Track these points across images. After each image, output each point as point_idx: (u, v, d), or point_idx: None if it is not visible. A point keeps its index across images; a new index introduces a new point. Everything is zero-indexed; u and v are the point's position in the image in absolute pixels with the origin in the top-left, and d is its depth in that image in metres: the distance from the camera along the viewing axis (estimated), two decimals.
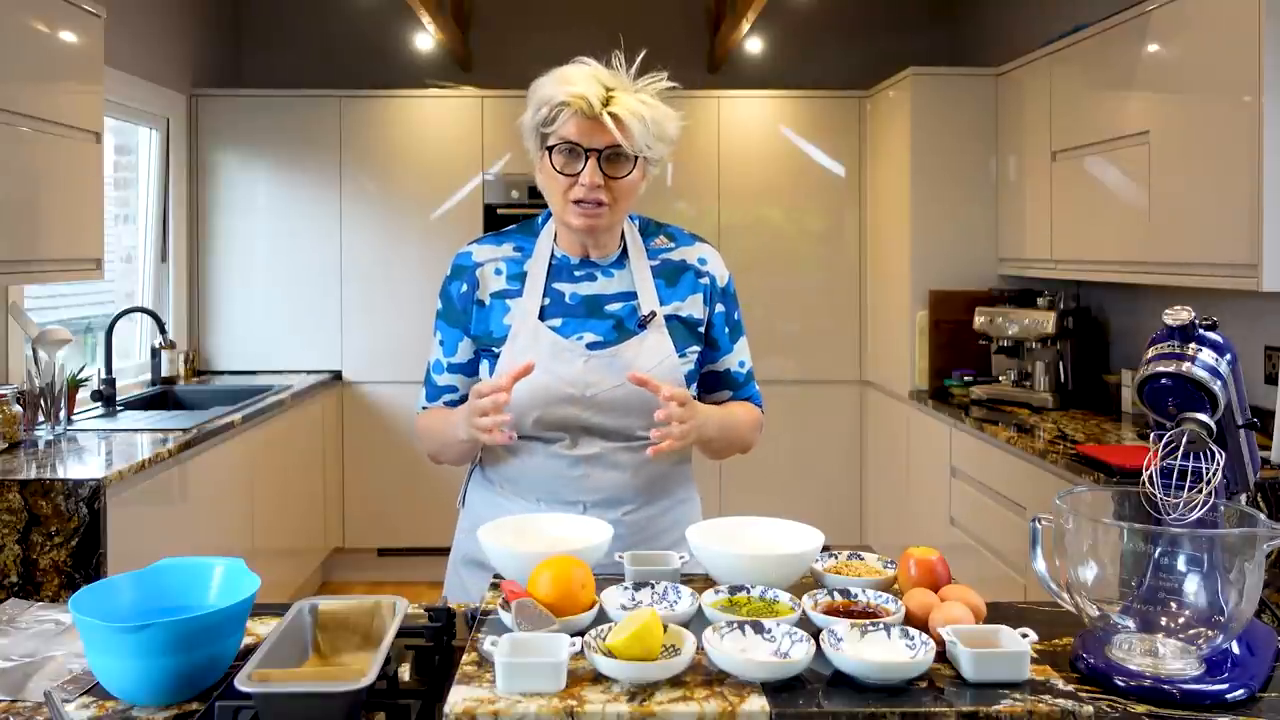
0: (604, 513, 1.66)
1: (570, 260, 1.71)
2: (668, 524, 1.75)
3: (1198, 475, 1.23)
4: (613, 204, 1.62)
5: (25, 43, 2.77)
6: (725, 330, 1.77)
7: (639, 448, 1.67)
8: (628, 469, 1.68)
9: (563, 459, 1.67)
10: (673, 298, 1.71)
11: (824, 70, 5.25)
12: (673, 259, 1.75)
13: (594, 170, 1.59)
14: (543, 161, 1.65)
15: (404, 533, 4.78)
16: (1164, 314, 1.29)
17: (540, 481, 1.69)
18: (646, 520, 1.72)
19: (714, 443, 1.72)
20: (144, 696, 1.17)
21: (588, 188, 1.59)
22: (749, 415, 1.78)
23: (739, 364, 1.79)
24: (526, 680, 1.05)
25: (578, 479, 1.67)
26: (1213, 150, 2.74)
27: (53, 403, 3.01)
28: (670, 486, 1.76)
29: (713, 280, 1.75)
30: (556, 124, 1.60)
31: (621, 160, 1.60)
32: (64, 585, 2.48)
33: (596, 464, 1.67)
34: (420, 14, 4.17)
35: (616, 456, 1.68)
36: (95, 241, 3.12)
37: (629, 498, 1.70)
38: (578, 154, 1.59)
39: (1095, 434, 3.19)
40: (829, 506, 4.87)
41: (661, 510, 1.74)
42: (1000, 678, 1.09)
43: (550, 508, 1.68)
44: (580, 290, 1.70)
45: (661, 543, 1.73)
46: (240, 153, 4.72)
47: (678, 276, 1.73)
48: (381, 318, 4.76)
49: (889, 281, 4.56)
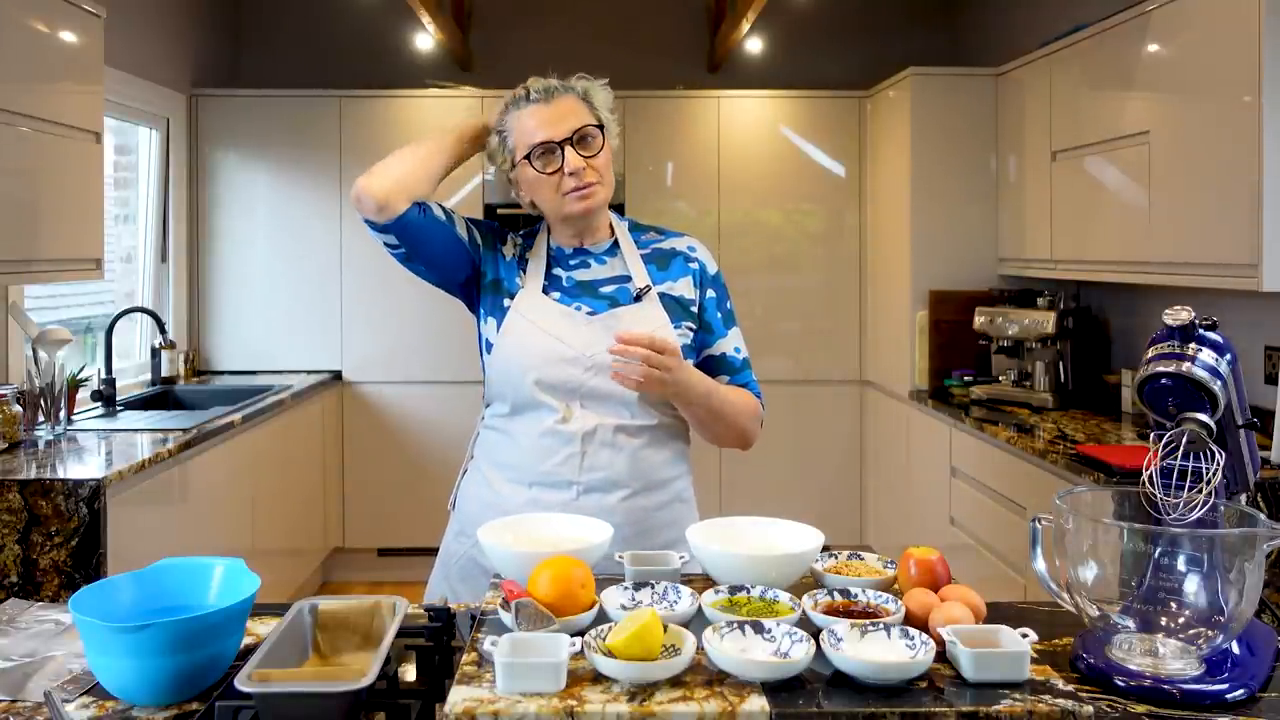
0: (601, 497, 1.68)
1: (565, 251, 1.80)
2: (665, 520, 1.75)
3: (1198, 475, 1.23)
4: (600, 180, 1.71)
5: (25, 43, 2.77)
6: (718, 315, 1.80)
7: (635, 430, 1.70)
8: (624, 450, 1.70)
9: (559, 435, 1.69)
10: (664, 278, 1.78)
11: (824, 70, 5.25)
12: (662, 247, 1.82)
13: (573, 155, 1.69)
14: (524, 172, 1.73)
15: (404, 533, 4.78)
16: (1164, 314, 1.28)
17: (536, 462, 1.70)
18: (643, 512, 1.72)
19: (697, 410, 1.70)
20: (144, 696, 1.17)
21: (576, 174, 1.68)
22: (745, 400, 1.78)
23: (734, 349, 1.81)
24: (526, 680, 1.05)
25: (574, 457, 1.68)
26: (1213, 150, 2.74)
27: (53, 403, 3.01)
28: (667, 478, 1.76)
29: (702, 266, 1.81)
30: (514, 128, 1.73)
31: (590, 140, 1.71)
32: (64, 585, 2.48)
33: (592, 441, 1.68)
34: (420, 14, 4.17)
35: (613, 437, 1.69)
36: (95, 241, 3.12)
37: (625, 481, 1.70)
38: (552, 149, 1.69)
39: (1095, 434, 3.19)
40: (829, 506, 4.87)
41: (658, 504, 1.74)
42: (1000, 678, 1.09)
43: (545, 492, 1.69)
44: (576, 275, 1.77)
45: (658, 540, 1.73)
46: (240, 153, 4.72)
47: (668, 261, 1.80)
48: (381, 318, 4.76)
49: (889, 281, 4.56)
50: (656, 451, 1.73)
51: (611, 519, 1.60)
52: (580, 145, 1.69)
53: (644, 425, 1.71)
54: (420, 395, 4.76)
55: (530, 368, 1.69)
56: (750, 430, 1.79)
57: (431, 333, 4.75)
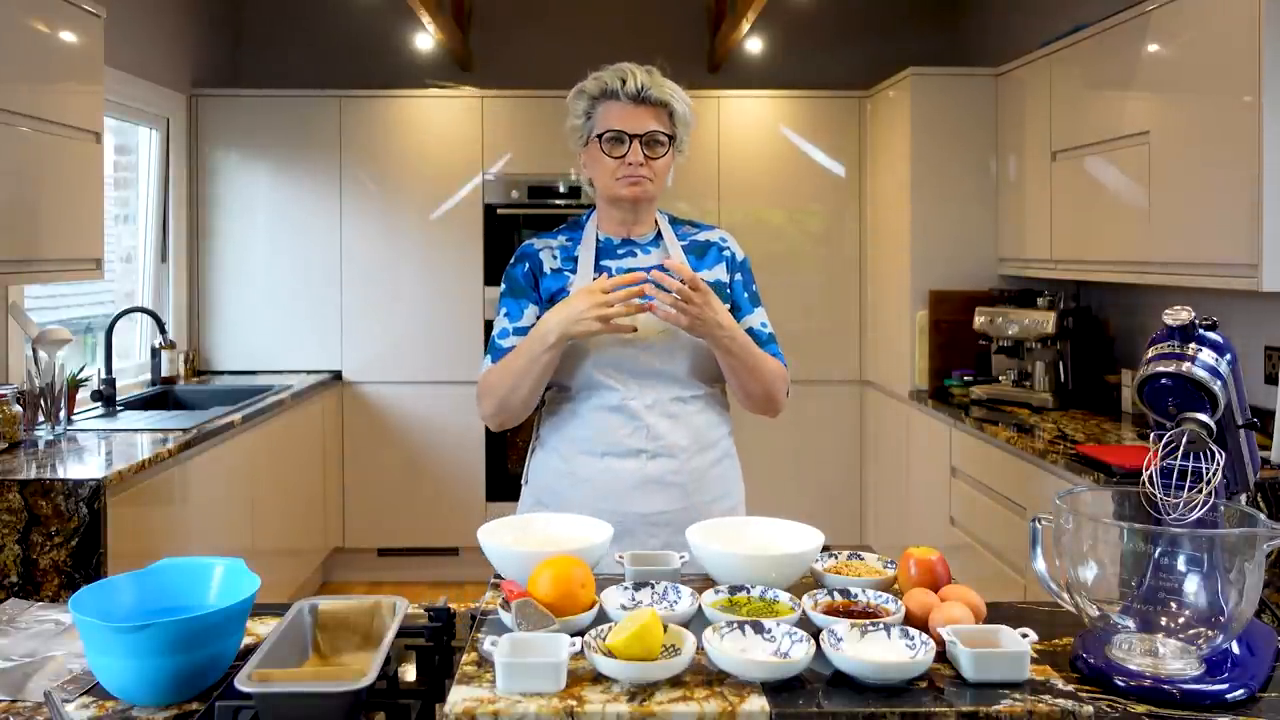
0: (667, 461, 1.86)
1: (613, 241, 1.96)
2: (716, 476, 1.93)
3: (1198, 475, 1.23)
4: (653, 178, 1.90)
5: (25, 43, 2.77)
6: (744, 295, 2.00)
7: (688, 399, 1.90)
8: (680, 418, 1.88)
9: (624, 411, 1.86)
10: (701, 267, 1.97)
11: (824, 70, 5.25)
12: (699, 239, 2.02)
13: (637, 151, 1.87)
14: (592, 148, 1.91)
15: (404, 533, 4.78)
16: (1164, 314, 1.29)
17: (606, 435, 1.87)
18: (699, 470, 1.90)
19: (734, 360, 1.84)
20: (144, 696, 1.17)
21: (633, 165, 1.86)
22: (773, 364, 1.93)
23: (760, 324, 1.97)
24: (526, 680, 1.05)
25: (640, 429, 1.86)
26: (1213, 150, 2.74)
27: (53, 403, 3.01)
28: (717, 437, 1.95)
29: (732, 254, 2.02)
30: (599, 115, 1.89)
31: (658, 144, 1.89)
32: (64, 585, 2.48)
33: (654, 413, 1.86)
34: (420, 14, 4.17)
35: (670, 407, 1.88)
36: (95, 241, 3.12)
37: (686, 445, 1.88)
38: (623, 140, 1.87)
39: (1095, 434, 3.19)
40: (829, 506, 4.87)
41: (711, 462, 1.93)
42: (1000, 678, 1.09)
43: (617, 461, 1.85)
44: (624, 265, 1.94)
45: (709, 494, 1.91)
46: (240, 153, 4.72)
47: (705, 251, 2.00)
48: (381, 318, 4.76)
49: (889, 281, 4.56)
50: (707, 415, 1.92)
51: (677, 479, 1.85)
52: (648, 146, 1.87)
53: (696, 395, 1.91)
54: (420, 395, 4.76)
55: (590, 349, 1.85)
56: (778, 394, 1.94)
57: (431, 333, 4.76)
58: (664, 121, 1.89)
